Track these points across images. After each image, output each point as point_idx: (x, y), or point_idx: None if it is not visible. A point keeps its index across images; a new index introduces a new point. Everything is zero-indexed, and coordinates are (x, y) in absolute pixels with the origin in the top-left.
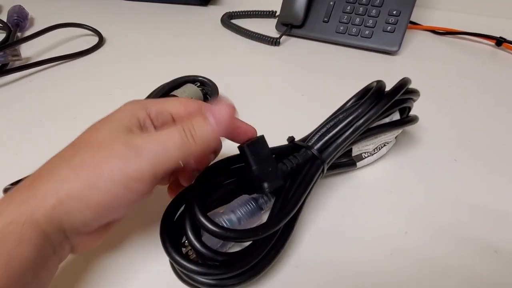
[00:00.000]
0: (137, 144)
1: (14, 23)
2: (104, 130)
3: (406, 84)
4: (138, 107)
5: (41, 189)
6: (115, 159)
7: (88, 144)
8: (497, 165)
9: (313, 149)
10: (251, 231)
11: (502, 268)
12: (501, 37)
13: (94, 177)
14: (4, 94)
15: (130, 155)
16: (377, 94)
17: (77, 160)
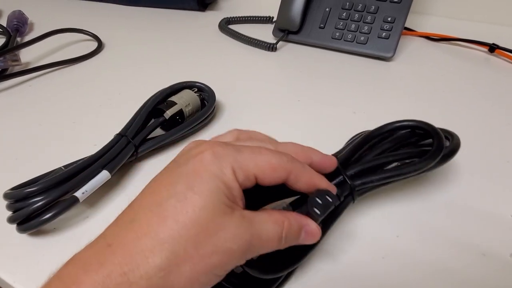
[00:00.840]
0: (245, 240)
1: (14, 28)
2: (205, 212)
3: (459, 147)
4: (226, 171)
5: (141, 285)
6: (221, 256)
7: (190, 229)
8: (487, 170)
9: (352, 184)
10: (254, 264)
11: (490, 271)
12: (494, 44)
13: (196, 273)
14: (4, 99)
15: (236, 252)
16: (438, 153)
17: (180, 251)
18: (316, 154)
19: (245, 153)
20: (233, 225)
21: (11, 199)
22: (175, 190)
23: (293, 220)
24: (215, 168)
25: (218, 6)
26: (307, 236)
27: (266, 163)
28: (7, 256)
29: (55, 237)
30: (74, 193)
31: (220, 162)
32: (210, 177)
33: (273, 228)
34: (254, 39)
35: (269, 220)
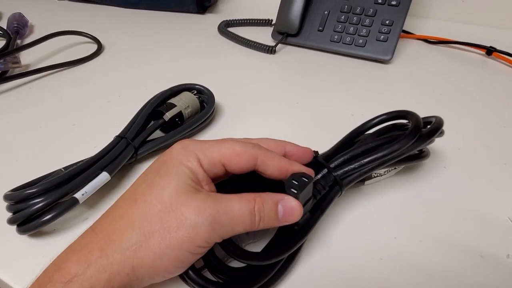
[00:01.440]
0: (209, 214)
1: (14, 31)
2: (169, 190)
3: (442, 125)
4: (191, 158)
5: (116, 257)
6: (186, 229)
7: (155, 205)
8: (484, 172)
9: (336, 174)
10: (254, 256)
11: (487, 273)
12: (491, 47)
13: (165, 247)
14: (4, 101)
15: (201, 225)
16: (415, 132)
17: (147, 226)
18: (290, 145)
19: (210, 143)
20: (196, 201)
21: (12, 201)
22: (146, 177)
23: (266, 196)
24: (181, 156)
25: (218, 8)
26: (286, 212)
27: (229, 149)
28: (7, 257)
29: (55, 238)
30: (74, 195)
31: (186, 151)
32: (175, 163)
33: (243, 204)
34: (253, 42)
35: (238, 198)
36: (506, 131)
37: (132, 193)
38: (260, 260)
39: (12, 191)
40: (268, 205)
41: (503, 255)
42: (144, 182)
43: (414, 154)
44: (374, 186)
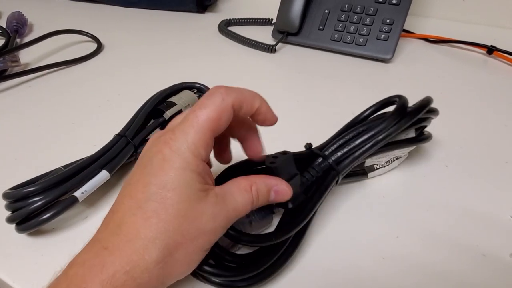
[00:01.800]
0: (223, 217)
1: (13, 29)
2: (184, 204)
3: (429, 103)
4: (190, 159)
5: (144, 278)
6: (206, 235)
7: (172, 221)
8: (486, 171)
9: (330, 159)
10: (265, 236)
11: (490, 271)
12: (492, 46)
13: (189, 255)
14: (3, 100)
15: (219, 228)
16: (400, 110)
17: (170, 243)
18: (264, 105)
19: (190, 132)
20: (210, 208)
21: (10, 199)
22: (150, 192)
23: (260, 184)
24: (178, 161)
25: (218, 8)
26: (277, 195)
27: (208, 122)
28: (6, 255)
29: (54, 237)
30: (74, 193)
31: (178, 153)
32: (177, 172)
33: (244, 197)
34: (253, 41)
35: (239, 191)
36: (507, 130)
37: (139, 209)
38: (270, 240)
39: (11, 190)
40: (262, 192)
41: (506, 254)
42: (150, 199)
43: (415, 137)
44: (376, 185)
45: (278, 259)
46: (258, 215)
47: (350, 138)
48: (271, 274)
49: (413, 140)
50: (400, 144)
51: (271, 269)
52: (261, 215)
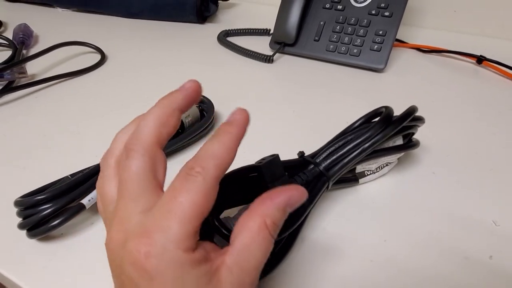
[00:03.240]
0: (247, 284)
1: (19, 41)
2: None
3: (413, 112)
4: (183, 254)
5: None
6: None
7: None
8: (471, 178)
9: (321, 166)
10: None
11: (471, 273)
12: (481, 56)
13: None
14: (12, 110)
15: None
16: (385, 119)
17: None
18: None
19: (171, 228)
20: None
21: (22, 207)
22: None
23: (273, 211)
24: (170, 271)
25: (217, 18)
26: (294, 207)
27: (195, 207)
28: (18, 260)
29: (62, 242)
30: (81, 201)
31: (165, 260)
32: (175, 284)
33: (262, 243)
34: (251, 51)
35: (253, 239)
36: (494, 138)
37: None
38: None
39: (22, 198)
40: (279, 218)
41: (486, 257)
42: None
43: (403, 144)
44: (366, 191)
45: (271, 260)
46: None
47: (339, 146)
48: (264, 275)
49: (401, 147)
50: (388, 151)
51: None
52: None
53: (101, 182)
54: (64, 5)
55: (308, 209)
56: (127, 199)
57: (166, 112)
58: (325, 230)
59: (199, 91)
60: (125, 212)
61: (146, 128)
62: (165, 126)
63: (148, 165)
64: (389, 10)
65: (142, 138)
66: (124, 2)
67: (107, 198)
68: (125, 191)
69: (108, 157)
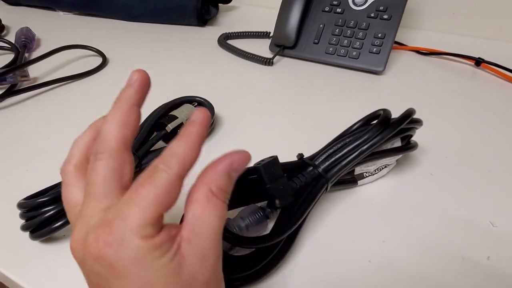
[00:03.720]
0: (210, 253)
1: (22, 44)
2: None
3: (411, 114)
4: (140, 240)
5: None
6: (213, 284)
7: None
8: (469, 179)
9: (320, 168)
10: (259, 239)
11: (468, 273)
12: (479, 58)
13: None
14: (15, 113)
15: (215, 265)
16: (383, 122)
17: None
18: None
19: (132, 213)
20: (192, 263)
21: (25, 209)
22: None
23: (217, 177)
24: (128, 255)
25: (217, 21)
26: (238, 171)
27: (156, 197)
28: (21, 261)
29: (64, 243)
30: None
31: (124, 246)
32: (137, 269)
33: (214, 210)
34: (251, 54)
35: (203, 208)
36: (491, 140)
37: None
38: (265, 242)
39: (25, 200)
40: (225, 184)
41: (484, 258)
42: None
43: (401, 146)
44: (365, 192)
45: (271, 260)
46: (253, 221)
47: (337, 148)
48: (264, 274)
49: (399, 149)
50: (386, 153)
51: (264, 269)
52: (256, 220)
53: (63, 190)
54: (65, 9)
55: (307, 210)
56: (91, 199)
57: (124, 112)
58: (323, 232)
59: (147, 79)
60: (89, 211)
61: (109, 132)
62: (127, 126)
63: (115, 167)
64: (388, 13)
65: (108, 142)
66: (125, 6)
67: (71, 202)
68: (91, 192)
69: (66, 165)
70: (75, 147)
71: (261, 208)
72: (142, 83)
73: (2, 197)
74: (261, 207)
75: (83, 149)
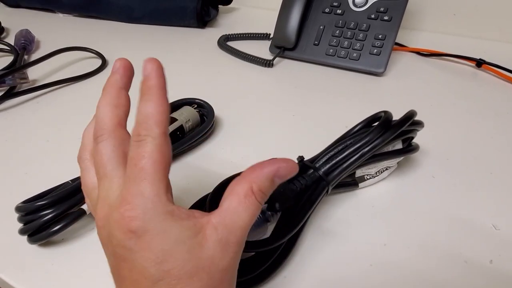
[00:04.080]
0: (233, 244)
1: (21, 47)
2: (180, 259)
3: (412, 116)
4: (163, 208)
5: None
6: (228, 272)
7: (178, 278)
8: (471, 182)
9: (320, 171)
10: (260, 242)
11: (471, 277)
12: (480, 59)
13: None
14: (13, 116)
15: (234, 258)
16: (384, 124)
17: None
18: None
19: (145, 186)
20: (215, 247)
21: (22, 212)
22: (149, 274)
23: (260, 178)
24: (153, 225)
25: (217, 23)
26: (283, 178)
27: (157, 164)
28: (19, 265)
29: (63, 247)
30: (82, 206)
31: (146, 217)
32: (160, 238)
33: (249, 206)
34: (251, 56)
35: (239, 202)
36: (493, 142)
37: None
38: (265, 245)
39: (23, 203)
40: (266, 186)
41: (487, 261)
42: (154, 281)
43: (402, 148)
44: (366, 195)
45: (272, 264)
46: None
47: (338, 150)
48: (265, 278)
49: (400, 151)
50: (387, 155)
51: (265, 273)
52: (256, 223)
53: (82, 176)
54: (65, 11)
55: (308, 213)
56: (104, 180)
57: (113, 96)
58: (325, 234)
59: (129, 65)
60: (104, 191)
61: (103, 115)
62: (118, 107)
63: (116, 144)
64: (388, 14)
65: (104, 124)
66: (125, 7)
67: (90, 186)
68: (101, 173)
69: (82, 152)
70: (86, 136)
71: (261, 211)
72: (125, 68)
73: (0, 200)
74: (262, 210)
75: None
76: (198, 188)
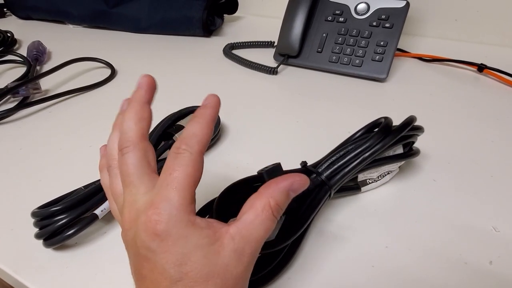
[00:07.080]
0: (248, 254)
1: (33, 58)
2: (198, 262)
3: (412, 122)
4: (186, 216)
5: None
6: (242, 280)
7: (195, 281)
8: (471, 185)
9: (323, 175)
10: (263, 245)
11: (471, 278)
12: (482, 64)
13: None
14: (27, 125)
15: (248, 267)
16: (384, 130)
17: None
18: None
19: (173, 195)
20: (231, 256)
21: (38, 217)
22: (169, 274)
23: (277, 194)
24: (175, 230)
25: (223, 31)
26: (296, 192)
27: (188, 178)
28: (35, 268)
29: (77, 250)
30: (94, 211)
31: (171, 222)
32: (181, 242)
33: (265, 220)
34: (256, 64)
35: (256, 216)
36: (494, 146)
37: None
38: (270, 247)
39: (39, 209)
40: (282, 201)
41: (487, 262)
42: (174, 281)
43: (403, 153)
44: (368, 199)
45: (276, 266)
46: None
47: (340, 155)
48: (269, 280)
49: (401, 156)
50: (388, 159)
51: (268, 276)
52: None
53: (110, 182)
54: (75, 22)
55: (311, 216)
56: (130, 187)
57: (138, 109)
58: (328, 237)
59: (153, 81)
60: (131, 197)
61: (129, 128)
62: (142, 121)
63: (141, 155)
64: (390, 21)
65: (129, 136)
66: (133, 18)
67: (117, 193)
68: (127, 182)
69: (111, 161)
70: (112, 147)
71: None
72: (150, 85)
73: (17, 206)
74: None
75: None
76: (205, 192)
